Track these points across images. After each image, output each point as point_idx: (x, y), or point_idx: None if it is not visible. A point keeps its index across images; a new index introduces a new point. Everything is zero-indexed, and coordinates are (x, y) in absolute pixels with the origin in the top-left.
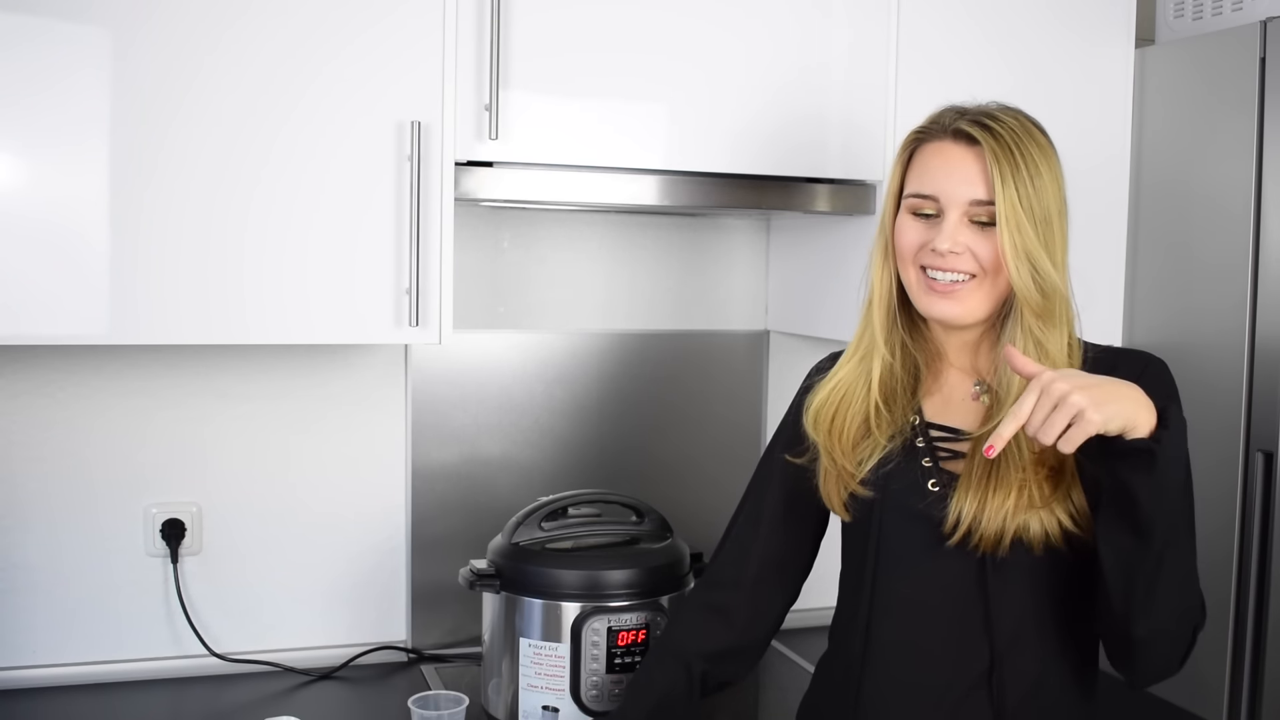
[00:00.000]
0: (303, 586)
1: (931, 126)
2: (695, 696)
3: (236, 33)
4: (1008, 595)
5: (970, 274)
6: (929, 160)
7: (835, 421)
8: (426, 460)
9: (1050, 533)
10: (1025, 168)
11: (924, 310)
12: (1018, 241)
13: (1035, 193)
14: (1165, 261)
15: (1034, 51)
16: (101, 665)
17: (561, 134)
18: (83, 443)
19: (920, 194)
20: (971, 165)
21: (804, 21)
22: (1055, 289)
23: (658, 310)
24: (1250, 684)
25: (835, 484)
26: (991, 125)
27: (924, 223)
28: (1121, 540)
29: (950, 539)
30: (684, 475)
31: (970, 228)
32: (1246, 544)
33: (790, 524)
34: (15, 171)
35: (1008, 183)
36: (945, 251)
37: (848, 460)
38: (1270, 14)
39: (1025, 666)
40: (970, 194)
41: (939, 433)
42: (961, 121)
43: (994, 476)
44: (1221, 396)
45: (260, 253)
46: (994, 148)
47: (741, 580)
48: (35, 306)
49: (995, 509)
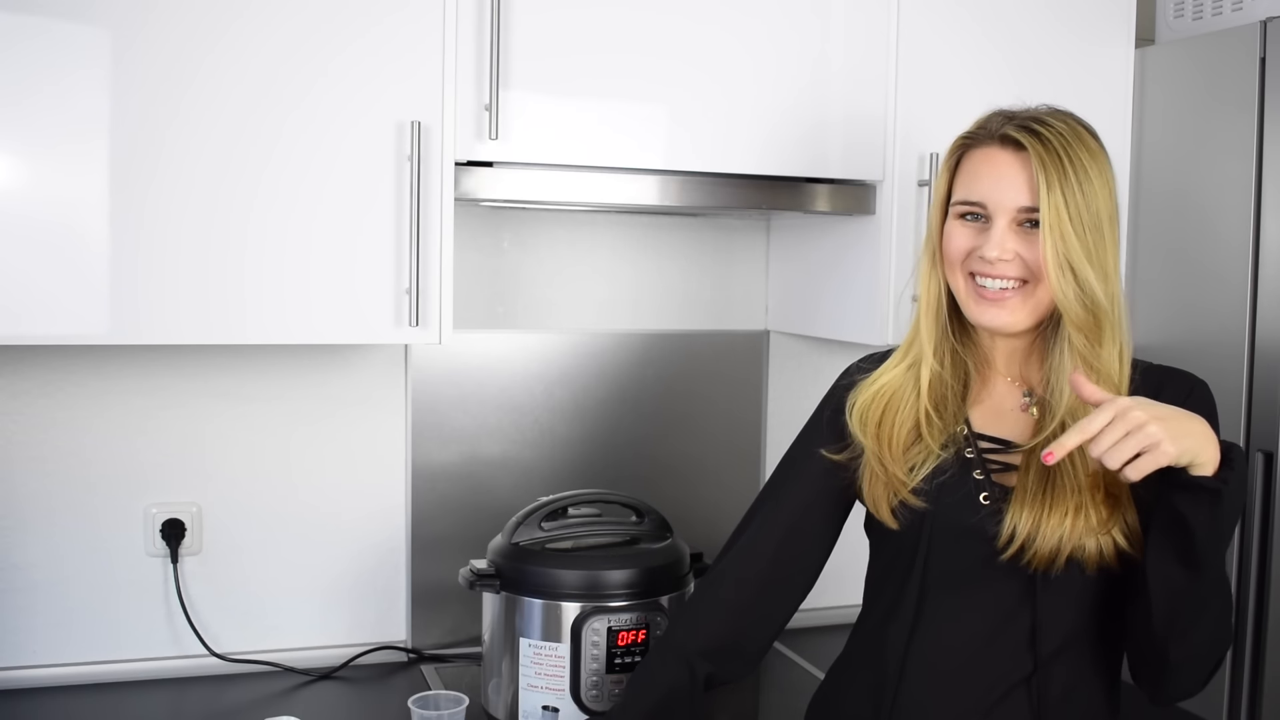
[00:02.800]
0: (303, 586)
1: (979, 132)
2: (697, 696)
3: (236, 33)
4: (1056, 611)
5: (1020, 279)
6: (976, 167)
7: (884, 424)
8: (426, 460)
9: (1105, 552)
10: (1073, 173)
11: (973, 318)
12: (1060, 249)
13: (1083, 198)
14: (1165, 262)
15: (1034, 52)
16: (101, 665)
17: (561, 134)
18: (83, 443)
19: (968, 200)
20: (1019, 172)
21: (804, 22)
22: (1097, 301)
23: (658, 310)
24: (1250, 684)
25: (884, 489)
26: (1039, 130)
27: (972, 229)
28: (1170, 570)
29: (1003, 554)
30: (684, 475)
31: (1018, 233)
32: (1246, 544)
33: (812, 527)
34: (15, 171)
35: (1054, 189)
36: (994, 259)
37: (898, 466)
38: (1270, 14)
39: (1062, 678)
40: (1017, 201)
41: (988, 444)
42: (1009, 127)
43: (1050, 493)
44: (1221, 396)
45: (260, 252)
46: (1041, 154)
47: (752, 579)
48: (35, 306)
49: (1052, 528)
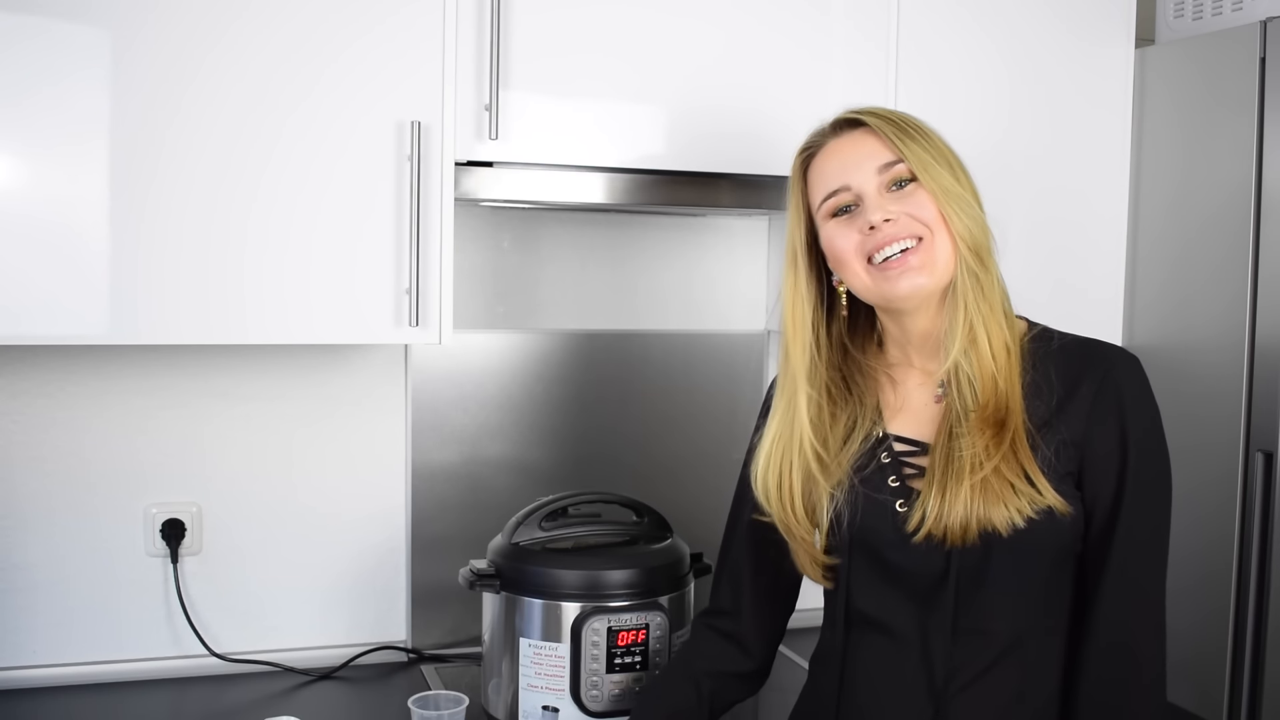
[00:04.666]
0: (303, 586)
1: (813, 139)
2: (704, 715)
3: (236, 33)
4: (982, 606)
5: (914, 237)
6: (824, 164)
7: (782, 488)
8: (426, 460)
9: (1009, 505)
10: (915, 129)
11: (889, 296)
12: (941, 183)
13: (935, 147)
14: (1165, 261)
15: (1034, 52)
16: (101, 665)
17: (561, 134)
18: (83, 443)
19: (831, 192)
20: (865, 142)
21: (803, 22)
22: (984, 226)
23: (658, 310)
24: (1250, 684)
25: (807, 559)
26: (869, 109)
27: (849, 218)
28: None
29: (915, 537)
30: (684, 475)
31: (893, 196)
32: (1246, 544)
33: (769, 561)
34: (15, 171)
35: (907, 140)
36: (880, 222)
37: (804, 531)
38: (1270, 14)
39: (1005, 681)
40: (876, 162)
41: (904, 445)
42: (839, 117)
43: (951, 471)
44: (1221, 396)
45: (260, 252)
46: (878, 119)
47: (741, 610)
48: (35, 306)
49: (960, 503)
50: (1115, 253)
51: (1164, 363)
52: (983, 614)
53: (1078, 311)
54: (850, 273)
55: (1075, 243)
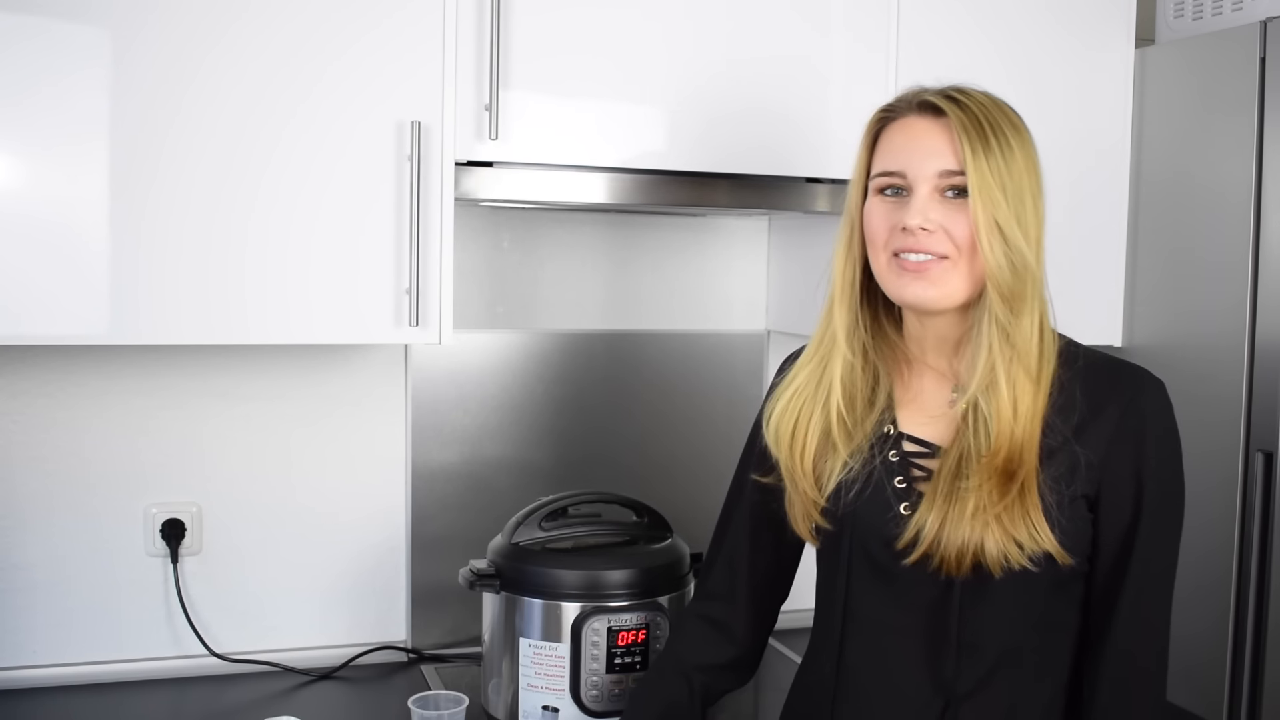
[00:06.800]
0: (303, 586)
1: (897, 104)
2: (697, 709)
3: (237, 32)
4: (985, 630)
5: (943, 255)
6: (894, 138)
7: (795, 435)
8: (426, 460)
9: (1010, 557)
10: (996, 142)
11: (897, 295)
12: (990, 212)
13: (1007, 167)
14: (1165, 261)
15: (1034, 52)
16: (101, 665)
17: (561, 134)
18: (83, 443)
19: (886, 171)
20: (939, 136)
21: (803, 22)
22: (1027, 267)
23: (658, 310)
24: (1250, 684)
25: (801, 511)
26: (959, 98)
27: (893, 204)
28: None
29: (907, 558)
30: (684, 475)
31: (941, 203)
32: (1246, 544)
33: (769, 540)
34: (15, 171)
35: (978, 153)
36: (915, 228)
37: (809, 484)
38: (1270, 14)
39: (1000, 693)
40: (938, 165)
41: (914, 446)
42: (927, 94)
43: (956, 493)
44: (1221, 396)
45: (260, 252)
46: (962, 119)
47: (735, 595)
48: (35, 306)
49: (958, 529)
50: (1115, 252)
51: (1164, 363)
52: (976, 628)
53: (1078, 311)
54: (873, 254)
55: (1075, 243)
